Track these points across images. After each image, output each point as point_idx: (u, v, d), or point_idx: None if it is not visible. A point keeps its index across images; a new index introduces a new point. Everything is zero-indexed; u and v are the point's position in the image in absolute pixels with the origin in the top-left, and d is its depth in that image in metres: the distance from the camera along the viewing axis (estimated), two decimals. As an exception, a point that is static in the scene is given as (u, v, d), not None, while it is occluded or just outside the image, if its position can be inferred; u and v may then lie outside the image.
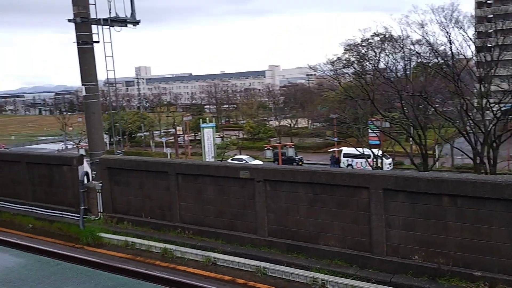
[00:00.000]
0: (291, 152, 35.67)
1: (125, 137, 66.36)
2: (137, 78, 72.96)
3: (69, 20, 12.35)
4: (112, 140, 69.21)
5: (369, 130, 40.80)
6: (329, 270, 8.69)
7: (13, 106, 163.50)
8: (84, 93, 12.74)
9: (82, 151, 44.16)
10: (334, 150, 49.29)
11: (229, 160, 43.05)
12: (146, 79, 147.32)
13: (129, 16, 13.51)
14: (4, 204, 14.77)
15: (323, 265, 8.88)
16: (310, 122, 68.92)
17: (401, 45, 37.41)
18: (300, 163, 48.46)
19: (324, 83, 50.37)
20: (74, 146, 58.86)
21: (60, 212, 13.42)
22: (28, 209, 14.14)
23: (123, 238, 11.58)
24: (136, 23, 13.74)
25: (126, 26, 13.68)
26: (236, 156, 47.76)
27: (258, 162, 41.92)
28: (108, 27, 12.88)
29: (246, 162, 41.19)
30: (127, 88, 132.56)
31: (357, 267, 8.64)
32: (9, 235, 12.34)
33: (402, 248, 8.34)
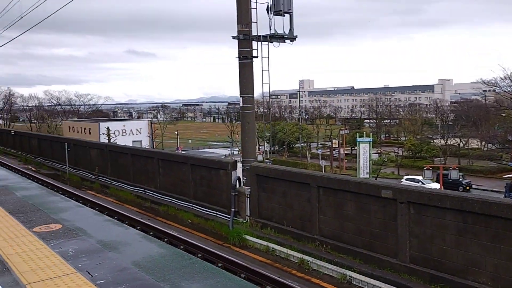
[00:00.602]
0: (454, 174, 32.23)
1: (284, 147, 69.16)
2: (298, 91, 75.48)
3: (233, 37, 13.55)
4: (271, 149, 72.86)
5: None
6: (476, 311, 7.70)
7: (193, 114, 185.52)
8: (241, 104, 13.77)
9: (244, 158, 47.15)
10: (510, 177, 43.09)
11: (403, 181, 40.48)
12: (308, 91, 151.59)
13: (287, 32, 14.15)
14: (171, 200, 16.84)
15: (470, 304, 7.91)
16: (483, 143, 61.62)
17: None
18: (467, 187, 43.65)
19: (504, 101, 44.57)
20: (239, 152, 63.71)
21: (215, 212, 14.70)
22: (189, 206, 15.85)
23: (265, 243, 12.12)
24: (293, 38, 14.31)
25: (284, 41, 14.35)
26: (409, 176, 44.63)
27: (435, 185, 38.04)
28: (267, 43, 13.71)
29: (422, 184, 38.34)
30: (290, 100, 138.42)
31: (513, 314, 7.45)
32: (171, 227, 14.05)
33: None
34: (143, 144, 52.67)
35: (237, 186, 13.81)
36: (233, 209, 13.72)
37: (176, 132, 70.43)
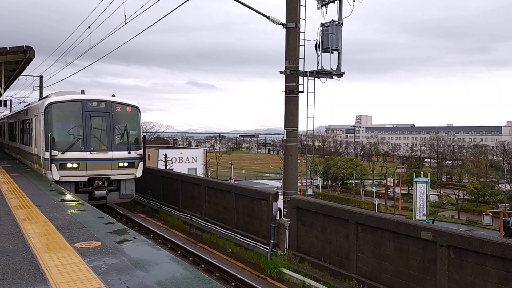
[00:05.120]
0: (516, 221, 30.15)
1: (337, 182, 68.06)
2: (354, 127, 74.75)
3: (281, 72, 13.95)
4: (324, 183, 71.79)
5: None
6: None
7: (248, 144, 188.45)
8: (285, 137, 14.01)
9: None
10: None
11: None
12: (366, 127, 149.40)
13: (334, 68, 14.37)
14: (215, 227, 17.16)
15: None
16: (555, 190, 57.16)
17: None
18: (534, 237, 40.62)
19: None
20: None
21: (254, 242, 14.79)
22: (231, 235, 16.06)
23: (301, 277, 12.02)
24: (340, 75, 14.50)
25: (331, 77, 14.57)
26: None
27: None
28: (313, 78, 13.98)
29: None
30: (347, 135, 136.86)
31: None
32: (211, 254, 14.30)
33: None
34: (197, 172, 54.03)
35: (278, 217, 13.87)
36: (272, 241, 13.75)
37: (230, 162, 71.69)
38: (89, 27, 22.10)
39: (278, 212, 13.90)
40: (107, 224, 8.91)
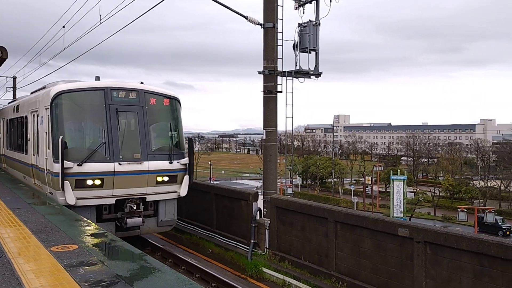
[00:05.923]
0: (489, 217, 31.03)
1: (316, 181, 68.59)
2: (333, 126, 75.57)
3: (259, 72, 13.97)
4: (304, 182, 72.24)
5: None
6: None
7: (228, 145, 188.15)
8: (264, 137, 14.04)
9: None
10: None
11: None
12: (344, 127, 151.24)
13: (312, 68, 14.47)
14: (194, 228, 17.06)
15: None
16: (526, 186, 58.89)
17: None
18: (507, 232, 41.86)
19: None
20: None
21: (235, 242, 14.77)
22: (211, 235, 16.00)
23: (281, 276, 12.06)
24: (318, 75, 14.61)
25: (309, 77, 14.67)
26: None
27: None
28: (291, 78, 14.05)
29: None
30: (325, 135, 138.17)
31: None
32: (190, 256, 14.21)
33: None
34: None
35: (258, 217, 13.89)
36: (252, 241, 13.76)
37: (209, 162, 71.40)
38: (63, 26, 21.67)
39: (258, 212, 13.91)
40: (84, 227, 8.75)
